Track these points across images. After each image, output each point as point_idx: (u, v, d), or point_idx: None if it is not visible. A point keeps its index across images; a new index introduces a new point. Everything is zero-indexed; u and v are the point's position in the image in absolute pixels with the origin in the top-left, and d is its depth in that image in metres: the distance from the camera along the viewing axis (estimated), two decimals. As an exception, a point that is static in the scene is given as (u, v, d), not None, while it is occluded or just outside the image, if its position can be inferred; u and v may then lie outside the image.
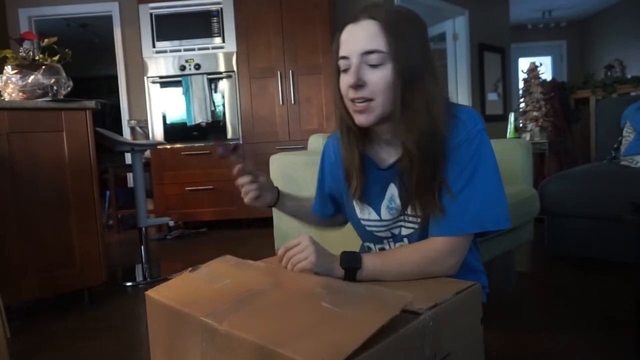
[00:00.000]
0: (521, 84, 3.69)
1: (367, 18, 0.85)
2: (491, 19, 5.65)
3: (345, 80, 0.87)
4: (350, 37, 0.87)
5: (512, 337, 1.54)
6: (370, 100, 0.86)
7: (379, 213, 0.99)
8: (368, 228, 1.02)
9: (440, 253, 0.88)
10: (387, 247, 1.03)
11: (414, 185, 0.88)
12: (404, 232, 0.98)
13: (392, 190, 0.95)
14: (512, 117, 3.57)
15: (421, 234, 0.94)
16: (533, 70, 3.54)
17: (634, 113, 2.62)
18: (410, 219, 0.95)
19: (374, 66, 0.84)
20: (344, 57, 0.87)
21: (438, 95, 0.87)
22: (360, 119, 0.88)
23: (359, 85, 0.85)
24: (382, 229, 1.00)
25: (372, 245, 1.07)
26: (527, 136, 3.47)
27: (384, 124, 0.90)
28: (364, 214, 1.01)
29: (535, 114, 3.46)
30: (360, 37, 0.85)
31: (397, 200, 0.95)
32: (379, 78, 0.84)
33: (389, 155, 0.96)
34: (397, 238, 1.00)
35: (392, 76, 0.84)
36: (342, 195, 1.08)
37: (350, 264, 0.86)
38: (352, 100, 0.88)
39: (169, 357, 0.78)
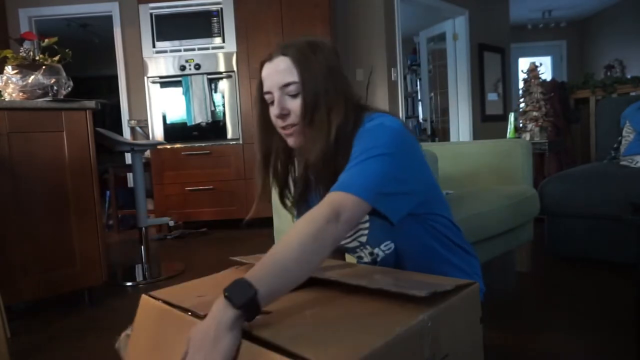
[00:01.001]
0: (521, 84, 3.68)
1: (279, 55, 0.98)
2: (491, 19, 5.65)
3: (272, 111, 0.98)
4: (268, 73, 0.98)
5: (512, 337, 1.54)
6: (295, 124, 0.96)
7: None
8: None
9: (318, 206, 0.82)
10: (362, 254, 1.03)
11: (324, 191, 0.89)
12: (363, 238, 0.99)
13: None
14: (512, 117, 3.57)
15: (374, 236, 0.96)
16: (533, 70, 3.53)
17: (633, 113, 2.62)
18: (360, 225, 0.96)
19: (293, 95, 0.96)
20: (268, 92, 0.98)
21: (343, 106, 0.95)
22: (290, 142, 1.00)
23: (283, 114, 0.96)
24: (348, 239, 1.01)
25: (353, 256, 1.08)
26: (527, 136, 3.46)
27: None
28: None
29: (535, 114, 3.46)
30: (276, 73, 0.96)
31: None
32: (299, 105, 0.95)
33: None
34: (364, 245, 1.00)
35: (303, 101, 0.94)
36: None
37: (245, 295, 0.66)
38: (282, 128, 0.98)
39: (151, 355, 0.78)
